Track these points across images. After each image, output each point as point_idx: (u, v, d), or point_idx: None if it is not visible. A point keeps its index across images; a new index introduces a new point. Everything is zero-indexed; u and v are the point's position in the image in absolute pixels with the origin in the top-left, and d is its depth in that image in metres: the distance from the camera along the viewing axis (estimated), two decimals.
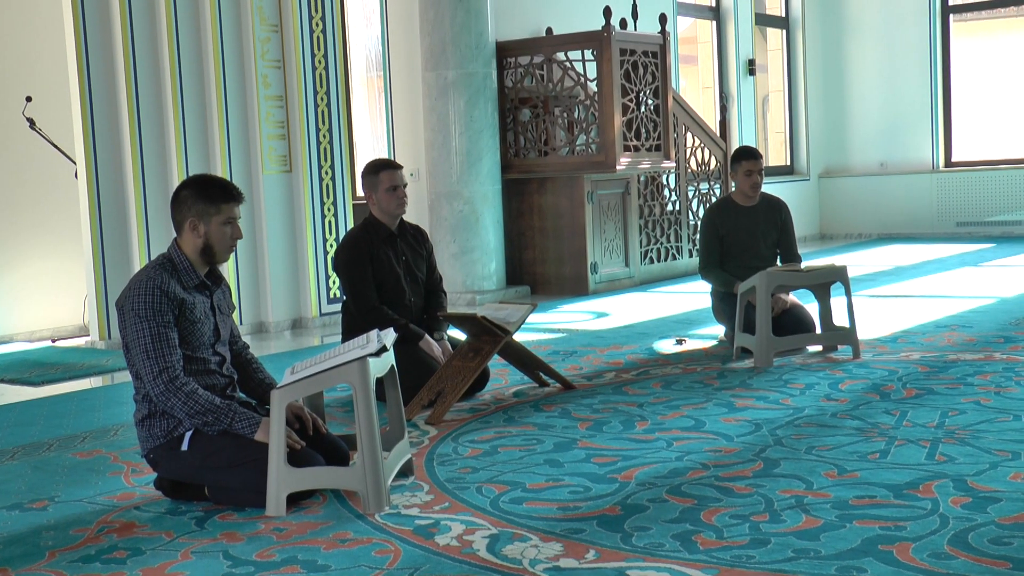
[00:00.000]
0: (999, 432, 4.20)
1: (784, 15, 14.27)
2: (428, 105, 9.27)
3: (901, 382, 5.20)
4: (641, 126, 9.57)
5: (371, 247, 5.35)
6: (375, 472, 3.56)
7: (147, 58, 7.50)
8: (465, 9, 9.03)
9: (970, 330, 6.61)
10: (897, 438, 4.18)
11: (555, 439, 4.43)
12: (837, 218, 14.37)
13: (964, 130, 13.89)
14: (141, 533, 3.48)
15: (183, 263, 3.84)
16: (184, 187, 3.88)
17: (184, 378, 3.71)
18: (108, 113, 7.42)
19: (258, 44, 7.91)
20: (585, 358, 6.27)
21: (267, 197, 7.99)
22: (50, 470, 4.33)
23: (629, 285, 9.77)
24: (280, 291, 8.10)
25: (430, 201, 9.36)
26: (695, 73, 14.24)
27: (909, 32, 13.73)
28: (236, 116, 7.88)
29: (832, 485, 3.62)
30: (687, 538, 3.17)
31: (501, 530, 3.33)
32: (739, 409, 4.81)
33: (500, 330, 5.08)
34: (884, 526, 3.19)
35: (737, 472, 3.83)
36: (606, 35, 9.17)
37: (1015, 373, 5.27)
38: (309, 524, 3.48)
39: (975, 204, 13.37)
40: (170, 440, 3.78)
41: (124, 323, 3.74)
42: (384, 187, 5.32)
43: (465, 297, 9.09)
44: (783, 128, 14.48)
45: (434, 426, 4.76)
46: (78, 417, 5.33)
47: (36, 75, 8.27)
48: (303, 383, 3.63)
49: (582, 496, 3.64)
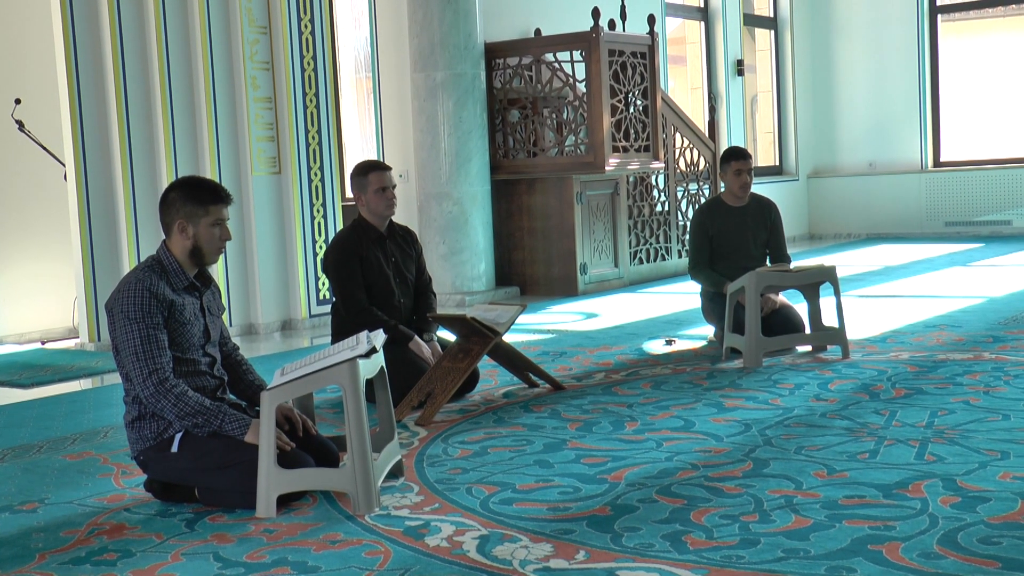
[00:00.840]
0: (988, 432, 4.21)
1: (772, 15, 14.30)
2: (417, 106, 9.27)
3: (890, 382, 5.22)
4: (630, 127, 9.58)
5: (360, 248, 5.35)
6: (365, 473, 3.56)
7: (136, 60, 7.49)
8: (454, 10, 9.03)
9: (959, 330, 6.63)
10: (886, 438, 4.19)
11: (545, 440, 4.44)
12: (826, 218, 14.40)
13: (952, 130, 13.92)
14: (131, 535, 3.48)
15: (172, 265, 3.84)
16: (172, 189, 3.87)
17: (174, 380, 3.71)
18: (97, 115, 7.41)
19: (247, 46, 7.91)
20: (575, 359, 6.28)
21: (256, 198, 7.99)
22: (40, 472, 4.32)
23: (618, 286, 9.78)
24: (270, 292, 8.09)
25: (419, 202, 9.36)
26: (684, 73, 14.26)
27: (897, 32, 13.77)
28: (225, 118, 7.88)
29: (822, 485, 3.62)
30: (677, 538, 3.18)
31: (491, 531, 3.33)
32: (729, 409, 4.82)
33: (489, 331, 5.08)
34: (874, 526, 3.20)
35: (727, 472, 3.84)
36: (595, 36, 9.17)
37: (1004, 373, 5.29)
38: (299, 525, 3.48)
39: (963, 204, 13.40)
40: (160, 442, 3.77)
41: (114, 325, 3.74)
42: (373, 188, 5.32)
43: (454, 298, 9.09)
44: (772, 128, 14.50)
45: (424, 427, 4.76)
46: (68, 419, 5.32)
47: (25, 77, 8.25)
48: (293, 384, 3.63)
49: (572, 497, 3.64)
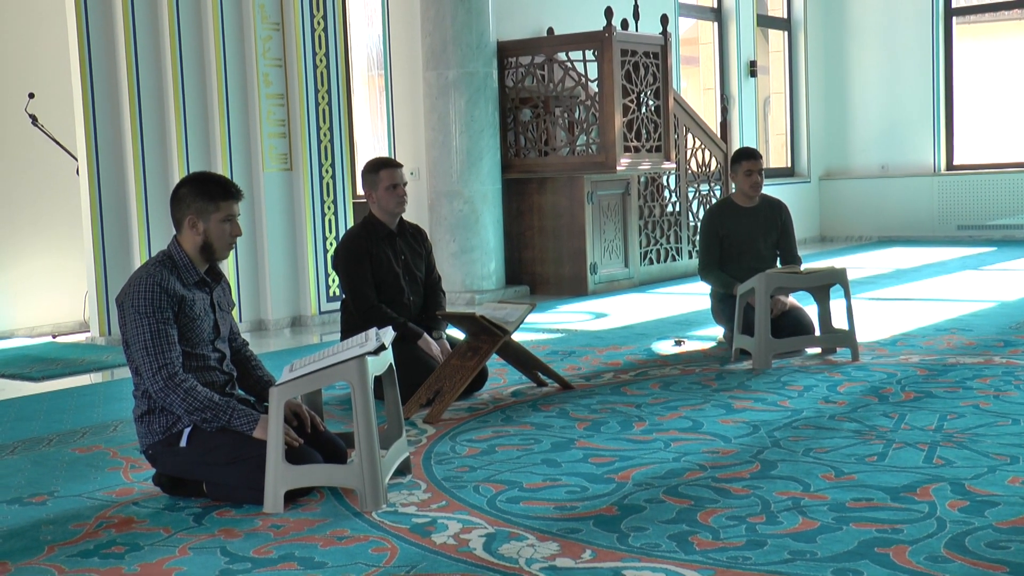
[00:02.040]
0: (997, 436, 4.20)
1: (786, 16, 14.27)
2: (429, 104, 9.27)
3: (900, 385, 5.20)
4: (642, 127, 9.57)
5: (370, 246, 5.35)
6: (372, 470, 3.56)
7: (149, 56, 7.51)
8: (466, 9, 9.03)
9: (970, 333, 6.61)
10: (895, 441, 4.18)
11: (553, 439, 4.44)
12: (837, 220, 14.37)
13: (966, 133, 13.88)
14: (139, 528, 3.49)
15: (183, 260, 3.85)
16: (183, 185, 3.88)
17: (183, 375, 3.71)
18: (110, 110, 7.43)
19: (259, 42, 7.92)
20: (583, 358, 6.27)
21: (267, 195, 8.00)
22: (50, 465, 4.34)
23: (628, 286, 9.78)
24: (280, 289, 8.10)
25: (430, 200, 9.36)
26: (696, 74, 14.24)
27: (911, 34, 13.72)
28: (237, 114, 7.89)
29: (829, 487, 3.62)
30: (683, 539, 3.17)
31: (498, 529, 3.33)
32: (737, 411, 4.81)
33: (499, 329, 5.08)
34: (881, 529, 3.19)
35: (734, 474, 3.84)
36: (607, 36, 9.17)
37: (1015, 377, 5.28)
38: (306, 521, 3.49)
39: (976, 207, 13.36)
40: (169, 436, 3.78)
41: (124, 319, 3.75)
42: (384, 185, 5.33)
43: (464, 296, 9.09)
44: (784, 130, 14.47)
45: (432, 425, 4.77)
46: (78, 413, 5.34)
47: (38, 71, 8.27)
48: (301, 381, 3.64)
49: (579, 496, 3.64)
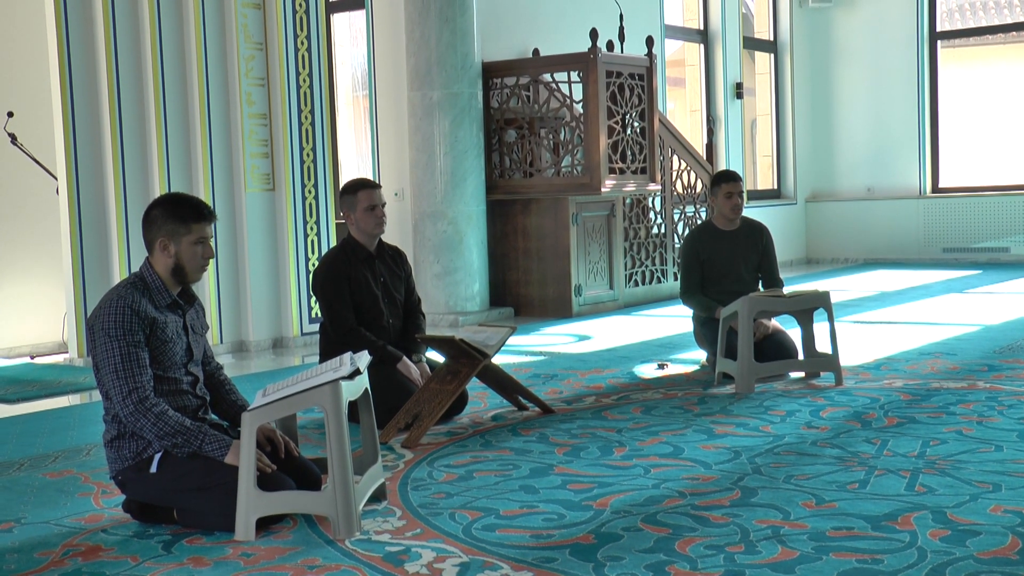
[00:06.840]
0: (980, 463, 4.16)
1: (772, 39, 14.30)
2: (413, 125, 9.24)
3: (883, 410, 5.16)
4: (627, 148, 9.55)
5: (349, 268, 5.31)
6: (345, 497, 3.50)
7: (130, 74, 7.45)
8: (451, 30, 9.00)
9: (954, 358, 6.57)
10: (877, 468, 4.14)
11: (531, 464, 4.38)
12: (823, 243, 14.36)
13: (951, 156, 13.90)
14: (106, 557, 3.42)
15: (155, 282, 3.79)
16: (155, 206, 3.83)
17: (154, 399, 3.65)
18: (90, 129, 7.37)
19: (242, 62, 7.88)
20: (566, 381, 6.22)
21: (249, 215, 7.94)
22: (19, 490, 4.26)
23: (613, 308, 9.73)
24: (261, 310, 8.04)
25: (414, 221, 9.32)
26: (683, 96, 14.24)
27: (897, 57, 13.75)
28: (219, 133, 7.84)
29: (809, 515, 3.57)
30: (660, 568, 3.12)
31: (472, 558, 3.27)
32: (718, 436, 4.76)
33: (478, 353, 5.03)
34: (861, 559, 3.14)
35: (714, 501, 3.78)
36: (592, 57, 9.15)
37: (998, 403, 5.24)
38: (278, 549, 3.43)
39: (961, 230, 13.37)
40: (139, 462, 3.72)
41: (94, 342, 3.69)
42: (362, 206, 5.28)
43: (448, 318, 9.04)
44: (770, 152, 14.48)
45: (410, 450, 4.71)
46: (51, 436, 5.26)
47: (18, 90, 8.21)
48: (273, 406, 3.58)
49: (556, 524, 3.59)
